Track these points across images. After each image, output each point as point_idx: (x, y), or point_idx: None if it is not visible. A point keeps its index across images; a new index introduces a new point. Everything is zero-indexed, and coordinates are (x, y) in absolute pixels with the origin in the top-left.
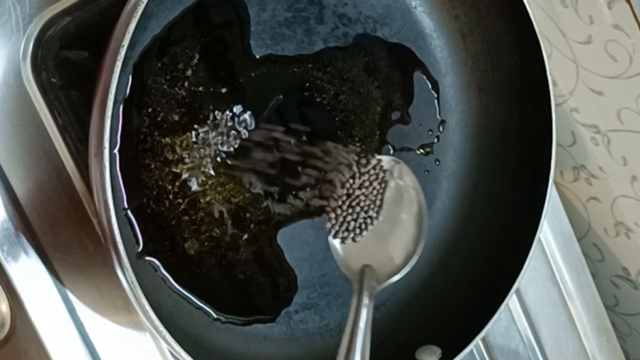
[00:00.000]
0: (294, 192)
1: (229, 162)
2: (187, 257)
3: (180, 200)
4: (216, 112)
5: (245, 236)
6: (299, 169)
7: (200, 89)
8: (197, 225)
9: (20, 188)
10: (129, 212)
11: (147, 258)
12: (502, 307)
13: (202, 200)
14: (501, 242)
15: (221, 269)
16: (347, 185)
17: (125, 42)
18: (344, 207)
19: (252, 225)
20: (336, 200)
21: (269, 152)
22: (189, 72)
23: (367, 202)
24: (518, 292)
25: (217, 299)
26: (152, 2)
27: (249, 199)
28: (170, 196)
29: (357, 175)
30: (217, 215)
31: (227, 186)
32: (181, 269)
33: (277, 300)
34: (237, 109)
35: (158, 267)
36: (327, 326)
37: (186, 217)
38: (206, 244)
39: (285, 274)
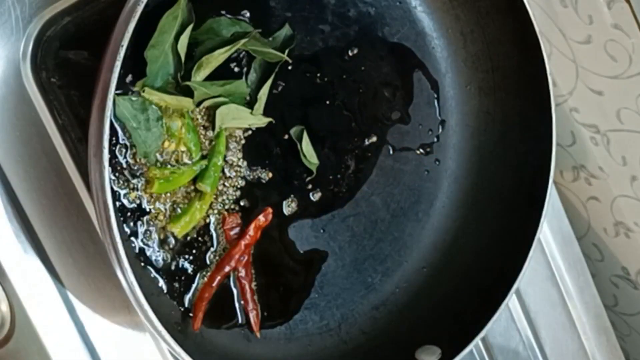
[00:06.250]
0: (293, 193)
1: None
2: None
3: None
4: None
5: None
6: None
7: None
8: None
9: (20, 188)
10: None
11: None
12: (502, 307)
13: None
14: (501, 242)
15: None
16: None
17: (125, 42)
18: None
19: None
20: None
21: (270, 150)
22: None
23: None
24: (518, 292)
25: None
26: (152, 2)
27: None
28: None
29: None
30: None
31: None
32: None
33: (290, 302)
34: None
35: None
36: (326, 326)
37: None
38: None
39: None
